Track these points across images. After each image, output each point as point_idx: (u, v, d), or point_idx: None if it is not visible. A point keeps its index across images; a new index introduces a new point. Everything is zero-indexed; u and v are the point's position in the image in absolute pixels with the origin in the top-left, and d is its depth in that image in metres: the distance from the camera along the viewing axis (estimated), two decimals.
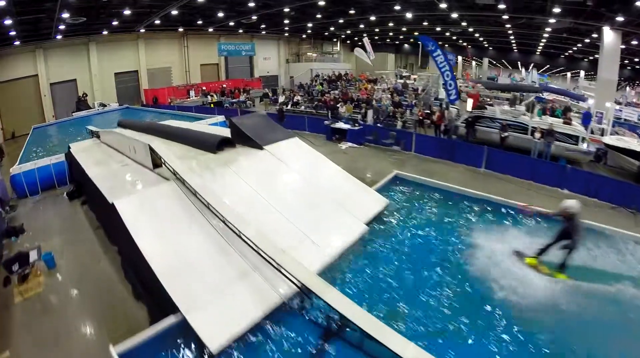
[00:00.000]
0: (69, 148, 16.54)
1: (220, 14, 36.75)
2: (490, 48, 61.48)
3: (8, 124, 36.11)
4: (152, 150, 10.47)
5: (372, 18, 40.12)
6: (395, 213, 11.18)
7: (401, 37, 62.18)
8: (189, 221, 8.46)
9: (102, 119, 34.97)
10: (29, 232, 12.95)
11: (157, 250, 7.54)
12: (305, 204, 9.95)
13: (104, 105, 39.06)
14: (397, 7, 34.20)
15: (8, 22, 25.54)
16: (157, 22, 36.99)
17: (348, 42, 66.42)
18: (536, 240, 9.10)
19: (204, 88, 44.50)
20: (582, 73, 57.52)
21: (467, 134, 21.87)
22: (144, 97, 43.65)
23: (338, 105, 28.88)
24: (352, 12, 38.45)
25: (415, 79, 63.08)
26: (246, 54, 49.46)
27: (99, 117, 36.37)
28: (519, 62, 66.39)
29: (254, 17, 39.12)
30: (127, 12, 31.66)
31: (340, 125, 22.24)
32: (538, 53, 55.64)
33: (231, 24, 42.06)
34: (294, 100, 33.02)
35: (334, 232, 9.36)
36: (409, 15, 36.37)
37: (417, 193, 12.85)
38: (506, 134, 20.47)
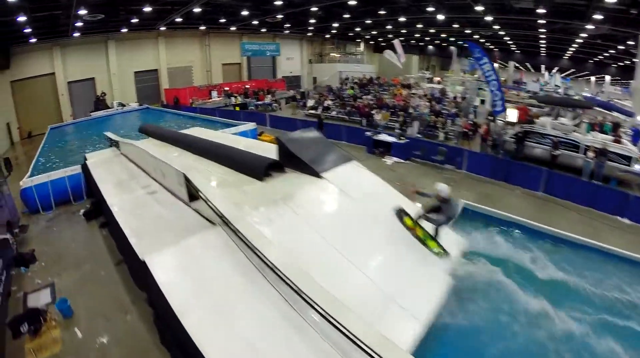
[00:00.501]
0: (85, 159, 14.68)
1: (245, 13, 34.80)
2: (518, 51, 59.12)
3: (25, 123, 34.61)
4: (187, 180, 8.36)
5: (402, 19, 38.16)
6: (472, 257, 9.01)
7: (427, 38, 59.97)
8: (245, 284, 6.23)
9: (122, 119, 33.30)
10: (41, 261, 11.03)
11: (207, 328, 5.50)
12: (383, 253, 7.81)
13: (122, 105, 37.37)
14: (430, 9, 32.31)
15: (22, 18, 23.89)
16: (179, 20, 35.12)
17: (372, 43, 64.26)
18: None
19: (227, 89, 42.58)
20: (608, 78, 54.94)
21: (516, 150, 19.73)
22: (164, 97, 41.94)
23: (373, 112, 26.78)
24: (382, 12, 36.36)
25: (439, 82, 61.36)
26: (271, 54, 47.61)
27: (118, 117, 34.67)
28: (542, 66, 63.85)
29: (279, 16, 37.20)
30: (147, 9, 29.80)
31: (384, 137, 19.96)
32: (566, 57, 53.62)
33: (255, 22, 40.10)
34: (325, 105, 30.88)
35: (421, 290, 7.17)
36: (440, 17, 34.36)
37: (491, 229, 10.55)
38: (558, 152, 18.41)
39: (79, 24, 30.33)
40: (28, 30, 27.88)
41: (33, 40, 31.52)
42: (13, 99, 33.74)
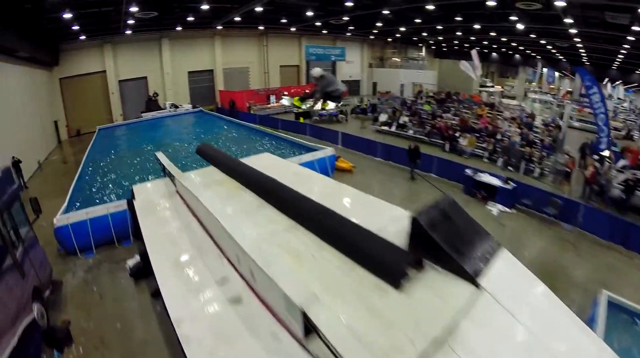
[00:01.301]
0: (132, 193, 11.46)
1: (309, 13, 31.32)
2: (588, 63, 53.68)
3: (73, 121, 33.00)
4: (307, 317, 4.71)
5: (477, 26, 34.32)
6: None
7: (494, 46, 55.12)
8: None
9: (174, 123, 30.61)
10: (78, 344, 7.92)
11: None
12: None
13: (175, 106, 34.76)
14: (513, 18, 28.52)
15: (70, 15, 21.41)
16: (237, 19, 32.01)
17: (433, 47, 59.74)
18: None
19: (286, 93, 39.13)
20: None
21: (625, 200, 15.44)
22: (219, 99, 39.09)
23: (457, 135, 22.81)
24: (458, 18, 32.35)
25: (501, 91, 56.52)
26: (335, 59, 44.00)
27: (170, 120, 32.05)
28: (606, 78, 57.97)
29: (346, 18, 33.66)
30: (204, 7, 26.86)
31: (489, 180, 15.65)
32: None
33: (317, 24, 36.65)
34: (400, 121, 27.06)
35: None
36: (520, 26, 30.28)
37: None
38: None
39: (131, 21, 27.76)
40: (76, 27, 25.76)
41: (82, 37, 29.32)
42: (62, 97, 32.21)
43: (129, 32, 31.37)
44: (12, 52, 20.95)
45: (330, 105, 31.45)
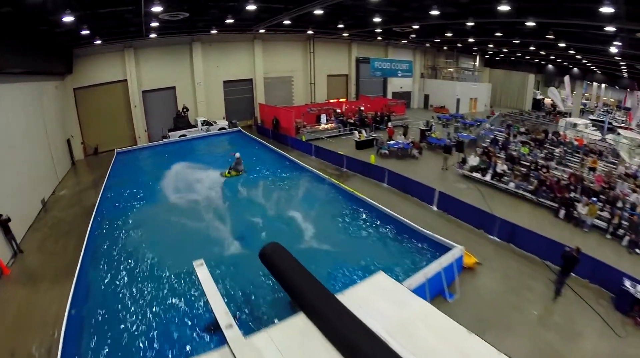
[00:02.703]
0: None
1: (377, 19, 24.79)
2: None
3: (90, 137, 27.34)
4: None
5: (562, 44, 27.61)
6: None
7: (551, 57, 47.68)
8: None
9: (207, 151, 24.57)
10: None
11: None
12: None
13: (209, 124, 28.70)
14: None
15: (71, 18, 15.18)
16: (287, 22, 25.61)
17: (486, 56, 52.60)
18: None
19: (338, 110, 32.41)
20: None
21: None
22: (258, 113, 32.93)
23: (573, 196, 16.11)
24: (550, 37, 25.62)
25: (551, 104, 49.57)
26: (403, 76, 37.01)
27: (202, 144, 26.17)
28: None
29: (416, 26, 27.06)
30: (250, 7, 20.08)
31: None
32: None
33: (377, 30, 30.12)
34: (497, 169, 20.16)
35: None
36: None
37: None
38: None
39: (155, 23, 21.56)
40: (86, 31, 19.66)
41: (98, 42, 23.43)
42: (76, 110, 26.48)
43: (153, 35, 25.29)
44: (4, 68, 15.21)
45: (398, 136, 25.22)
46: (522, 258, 12.59)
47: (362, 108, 32.27)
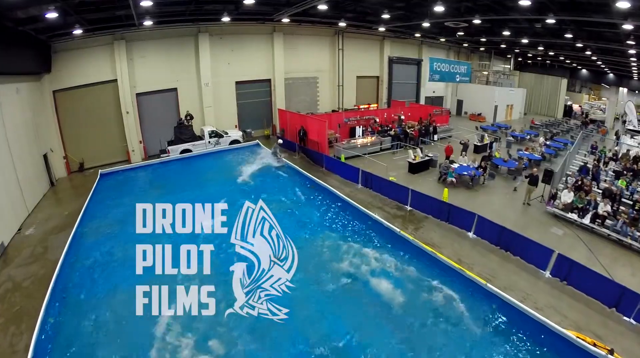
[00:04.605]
0: None
1: (440, 9, 19.05)
2: None
3: (74, 151, 21.90)
4: None
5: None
6: None
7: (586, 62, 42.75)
8: None
9: (216, 177, 18.75)
10: None
11: None
12: None
13: (218, 135, 22.98)
14: None
15: None
16: (322, 7, 19.94)
17: (519, 59, 47.49)
18: None
19: (376, 120, 26.62)
20: None
21: None
22: (278, 122, 27.16)
23: None
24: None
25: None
26: (460, 81, 31.73)
27: (210, 167, 20.38)
28: None
29: (477, 21, 21.69)
30: None
31: None
32: None
33: (425, 24, 24.53)
34: (599, 210, 14.44)
35: None
36: None
37: None
38: None
39: (147, 2, 15.68)
40: (53, 14, 13.86)
41: (78, 31, 17.86)
42: (57, 117, 20.96)
43: (149, 23, 19.59)
44: None
45: (463, 159, 19.91)
46: None
47: (402, 117, 26.67)
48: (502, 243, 12.72)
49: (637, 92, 43.33)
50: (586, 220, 14.58)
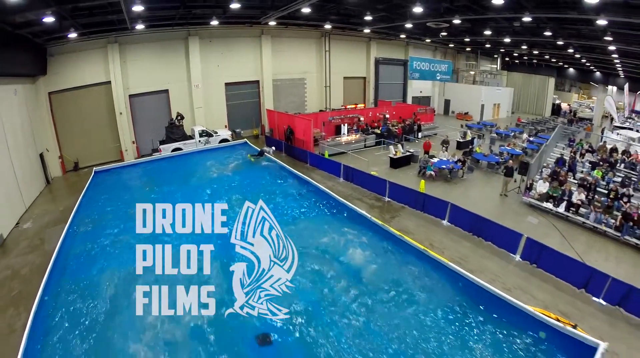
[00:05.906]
0: None
1: (418, 9, 19.91)
2: None
3: (69, 151, 22.63)
4: None
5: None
6: None
7: (571, 61, 43.54)
8: None
9: (206, 174, 19.36)
10: None
11: None
12: None
13: (208, 135, 23.75)
14: None
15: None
16: (306, 10, 20.71)
17: (507, 58, 48.43)
18: None
19: (362, 119, 27.36)
20: None
21: None
22: (267, 122, 27.92)
23: None
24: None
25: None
26: (441, 80, 32.63)
27: (201, 164, 21.03)
28: None
29: (457, 21, 22.51)
30: None
31: None
32: None
33: (408, 25, 25.39)
34: (573, 199, 15.42)
35: None
36: None
37: None
38: None
39: (138, 7, 16.42)
40: (50, 18, 14.67)
41: (73, 35, 18.58)
42: (52, 118, 21.74)
43: (141, 26, 20.42)
44: None
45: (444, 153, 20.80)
46: None
47: (387, 116, 27.55)
48: (475, 229, 13.42)
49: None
50: (561, 209, 15.36)
